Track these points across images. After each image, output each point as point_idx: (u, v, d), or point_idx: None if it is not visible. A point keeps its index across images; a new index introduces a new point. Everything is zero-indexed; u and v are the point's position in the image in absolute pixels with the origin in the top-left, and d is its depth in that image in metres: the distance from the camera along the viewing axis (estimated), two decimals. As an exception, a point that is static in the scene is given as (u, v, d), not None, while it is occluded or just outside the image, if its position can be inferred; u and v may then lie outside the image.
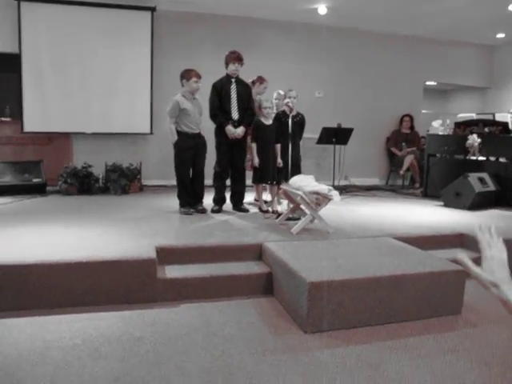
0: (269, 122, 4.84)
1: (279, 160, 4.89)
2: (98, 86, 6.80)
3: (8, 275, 2.76)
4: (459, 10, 6.82)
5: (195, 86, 4.65)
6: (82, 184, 6.17)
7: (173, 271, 3.14)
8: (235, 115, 4.74)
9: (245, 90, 4.85)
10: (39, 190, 6.11)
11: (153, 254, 3.06)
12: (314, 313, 2.56)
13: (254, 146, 4.80)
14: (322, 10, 6.97)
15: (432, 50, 8.62)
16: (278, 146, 4.90)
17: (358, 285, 2.66)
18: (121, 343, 2.35)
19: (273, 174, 4.83)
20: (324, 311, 2.58)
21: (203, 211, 4.76)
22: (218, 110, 4.72)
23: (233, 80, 4.78)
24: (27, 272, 2.78)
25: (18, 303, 2.76)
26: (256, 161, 4.76)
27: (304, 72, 7.82)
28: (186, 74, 4.64)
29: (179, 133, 4.63)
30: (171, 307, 2.88)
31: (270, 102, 4.91)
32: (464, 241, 4.02)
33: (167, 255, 3.27)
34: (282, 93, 5.36)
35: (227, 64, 4.77)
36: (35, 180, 6.18)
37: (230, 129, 4.67)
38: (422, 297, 2.81)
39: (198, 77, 4.64)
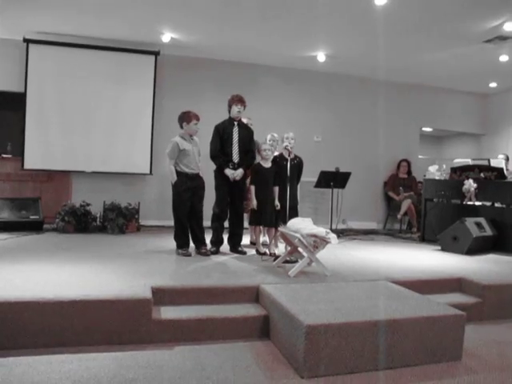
0: (268, 164, 4.90)
1: (277, 202, 4.90)
2: (100, 125, 6.93)
3: (-1, 313, 2.71)
4: (454, 60, 7.08)
5: (195, 129, 4.73)
6: (80, 222, 6.16)
7: (168, 312, 3.09)
8: (236, 158, 4.80)
9: (247, 134, 4.93)
10: (36, 227, 6.10)
11: (148, 294, 3.01)
12: (311, 357, 2.50)
13: (252, 188, 4.83)
14: (321, 57, 7.21)
15: (428, 97, 8.86)
16: (276, 189, 4.93)
17: (355, 329, 2.62)
18: (112, 386, 2.28)
19: (270, 217, 4.83)
20: (321, 355, 2.52)
21: (206, 254, 4.66)
22: (219, 152, 4.79)
23: (235, 123, 4.86)
24: (19, 310, 2.73)
25: (7, 342, 2.69)
26: (254, 203, 4.79)
27: (303, 116, 8.00)
28: (186, 117, 4.69)
29: (179, 173, 4.64)
30: (165, 349, 2.82)
31: (269, 144, 4.98)
32: (462, 285, 3.98)
33: (163, 296, 3.22)
34: (276, 135, 5.36)
35: (230, 107, 4.86)
36: (32, 217, 6.18)
37: (229, 171, 4.73)
38: (421, 342, 2.76)
39: (197, 119, 4.72)
